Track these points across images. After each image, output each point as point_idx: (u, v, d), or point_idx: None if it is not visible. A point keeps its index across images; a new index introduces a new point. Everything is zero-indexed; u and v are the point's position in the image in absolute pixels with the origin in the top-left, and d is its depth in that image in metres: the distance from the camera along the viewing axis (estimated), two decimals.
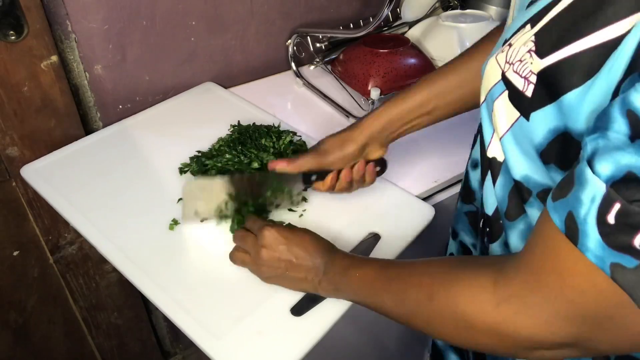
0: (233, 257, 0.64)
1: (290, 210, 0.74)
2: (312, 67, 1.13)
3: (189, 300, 0.60)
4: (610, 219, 0.29)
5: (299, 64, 1.10)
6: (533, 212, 0.44)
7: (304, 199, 0.75)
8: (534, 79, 0.38)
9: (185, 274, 0.64)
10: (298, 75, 1.09)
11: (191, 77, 1.00)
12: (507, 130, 0.42)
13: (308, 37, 1.09)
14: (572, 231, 0.32)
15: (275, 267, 0.59)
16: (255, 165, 0.75)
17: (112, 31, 0.84)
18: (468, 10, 1.09)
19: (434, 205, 0.76)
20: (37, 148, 0.82)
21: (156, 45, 0.91)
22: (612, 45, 0.32)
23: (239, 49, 1.03)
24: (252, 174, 0.72)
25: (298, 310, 0.60)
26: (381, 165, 0.72)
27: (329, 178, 0.69)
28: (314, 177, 0.69)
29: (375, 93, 0.90)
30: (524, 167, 0.42)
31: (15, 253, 0.90)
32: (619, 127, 0.29)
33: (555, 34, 0.36)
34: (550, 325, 0.36)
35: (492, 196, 0.48)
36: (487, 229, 0.51)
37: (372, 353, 1.13)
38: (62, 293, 1.02)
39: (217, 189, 0.67)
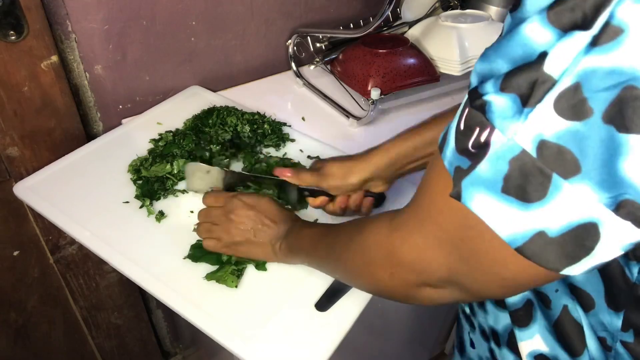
0: (199, 228, 0.66)
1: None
2: (312, 67, 1.13)
3: (211, 305, 0.60)
4: (462, 124, 0.30)
5: (299, 64, 1.11)
6: None
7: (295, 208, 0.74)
8: None
9: (203, 280, 0.63)
10: (298, 75, 1.09)
11: (191, 77, 1.00)
12: None
13: (308, 37, 1.09)
14: (443, 143, 0.33)
15: (243, 231, 0.62)
16: (217, 147, 0.81)
17: (112, 31, 0.84)
18: (468, 11, 1.09)
19: None
20: (37, 148, 0.82)
21: (156, 45, 0.91)
22: None
23: (239, 49, 1.03)
24: (248, 173, 0.74)
25: (321, 306, 0.61)
26: (379, 198, 0.70)
27: (321, 200, 0.68)
28: (306, 193, 0.69)
29: (375, 93, 0.90)
30: None
31: (15, 253, 0.91)
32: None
33: None
34: (425, 253, 0.37)
35: None
36: None
37: (380, 355, 1.14)
38: (62, 293, 1.02)
39: (214, 176, 0.72)
